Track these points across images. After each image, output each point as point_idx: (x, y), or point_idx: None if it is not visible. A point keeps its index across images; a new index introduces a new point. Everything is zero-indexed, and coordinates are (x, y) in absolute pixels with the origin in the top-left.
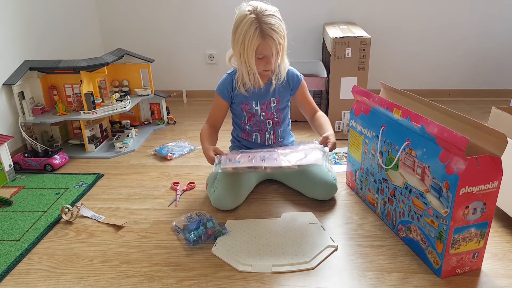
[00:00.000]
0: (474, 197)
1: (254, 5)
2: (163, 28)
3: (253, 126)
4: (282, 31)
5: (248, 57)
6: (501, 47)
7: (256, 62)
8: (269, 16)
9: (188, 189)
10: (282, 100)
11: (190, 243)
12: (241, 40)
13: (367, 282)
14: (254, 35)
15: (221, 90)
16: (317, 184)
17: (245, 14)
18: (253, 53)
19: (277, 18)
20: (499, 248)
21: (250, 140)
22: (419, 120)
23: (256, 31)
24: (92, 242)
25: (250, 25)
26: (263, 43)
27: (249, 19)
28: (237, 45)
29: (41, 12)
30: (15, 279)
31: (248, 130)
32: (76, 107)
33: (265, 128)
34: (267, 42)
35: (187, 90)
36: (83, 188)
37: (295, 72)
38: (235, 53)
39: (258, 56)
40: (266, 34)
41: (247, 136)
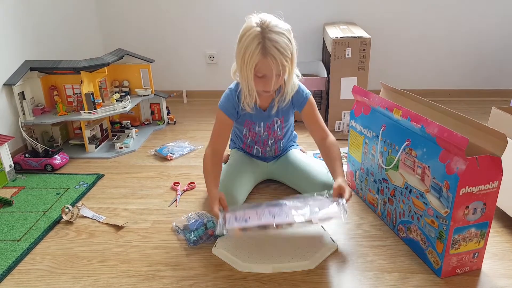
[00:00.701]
0: (474, 197)
1: (264, 18)
2: (164, 28)
3: (254, 142)
4: (289, 52)
5: (247, 73)
6: (501, 47)
7: (255, 81)
8: (277, 33)
9: (189, 189)
10: (286, 118)
11: (191, 243)
12: (242, 53)
13: (367, 282)
14: (255, 51)
15: (225, 106)
16: (316, 184)
17: (251, 26)
18: (252, 69)
19: (285, 37)
20: (499, 248)
21: (251, 152)
22: (419, 120)
23: (258, 46)
24: (93, 242)
25: (253, 39)
26: (263, 61)
27: (254, 32)
28: (238, 57)
29: (41, 13)
30: (15, 279)
31: (249, 143)
32: (77, 107)
33: (266, 144)
34: (267, 60)
35: (187, 90)
36: (83, 188)
37: (301, 89)
38: (237, 66)
39: (257, 74)
40: (268, 52)
41: (248, 148)
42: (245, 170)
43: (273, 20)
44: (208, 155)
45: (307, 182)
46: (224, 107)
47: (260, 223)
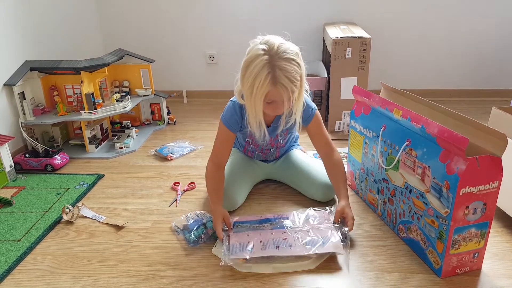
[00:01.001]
0: (474, 197)
1: (271, 43)
2: (164, 28)
3: (256, 149)
4: (298, 79)
5: (256, 102)
6: (501, 47)
7: (265, 106)
8: (286, 60)
9: (189, 189)
10: (290, 131)
11: (190, 244)
12: (250, 83)
13: (367, 282)
14: (265, 81)
15: (228, 121)
16: (316, 185)
17: (258, 54)
18: (261, 98)
19: (294, 63)
20: (500, 248)
21: (252, 156)
22: (419, 120)
23: (268, 76)
24: (93, 242)
25: (261, 68)
26: (273, 90)
27: (262, 61)
28: (245, 85)
29: (41, 13)
30: (16, 279)
31: (251, 149)
32: (77, 107)
33: (268, 151)
34: (277, 89)
35: (187, 90)
36: (83, 188)
37: (307, 105)
38: (244, 92)
39: (267, 101)
40: (278, 81)
41: (249, 153)
42: (245, 171)
43: (282, 44)
44: (211, 170)
45: (308, 182)
46: (227, 122)
47: (263, 255)
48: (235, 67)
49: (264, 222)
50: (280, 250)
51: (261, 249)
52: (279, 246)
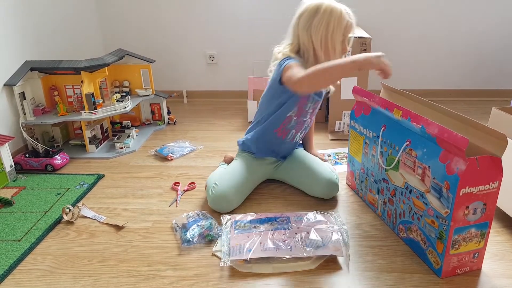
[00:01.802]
0: (474, 197)
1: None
2: (164, 28)
3: (296, 123)
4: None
5: (336, 37)
6: (501, 47)
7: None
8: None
9: (189, 190)
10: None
11: (184, 243)
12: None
13: (367, 282)
14: (346, 16)
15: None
16: (320, 181)
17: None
18: (341, 30)
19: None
20: (500, 249)
21: (285, 137)
22: (419, 120)
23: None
24: (93, 242)
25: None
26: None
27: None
28: (319, 26)
29: (41, 13)
30: (16, 279)
31: (289, 127)
32: (77, 107)
33: (300, 127)
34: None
35: (187, 90)
36: (84, 188)
37: None
38: (315, 41)
39: (345, 36)
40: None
41: (282, 132)
42: (245, 175)
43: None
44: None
45: (310, 179)
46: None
47: (263, 256)
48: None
49: (265, 222)
50: (280, 252)
51: (261, 250)
52: (279, 247)
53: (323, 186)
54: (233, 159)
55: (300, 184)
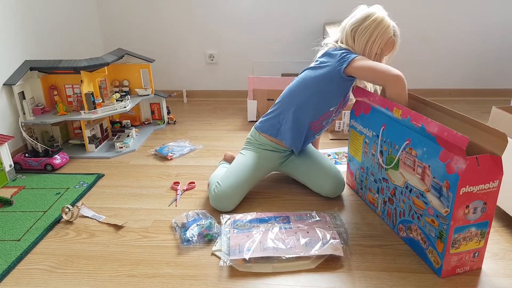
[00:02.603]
0: (474, 196)
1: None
2: (164, 28)
3: (332, 114)
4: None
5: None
6: (502, 46)
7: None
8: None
9: (189, 189)
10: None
11: (184, 243)
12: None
13: (367, 281)
14: (392, 33)
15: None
16: (328, 178)
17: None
18: (382, 42)
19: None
20: (500, 248)
21: (319, 129)
22: (419, 119)
23: (394, 30)
24: (93, 242)
25: (389, 25)
26: (393, 42)
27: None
28: (365, 31)
29: (41, 12)
30: (15, 279)
31: (325, 123)
32: (77, 107)
33: (329, 124)
34: (396, 43)
35: (187, 90)
36: (83, 188)
37: None
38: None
39: (384, 52)
40: (398, 36)
41: (316, 127)
42: (249, 173)
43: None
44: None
45: (318, 175)
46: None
47: (263, 255)
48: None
49: (264, 222)
50: (279, 251)
51: (261, 250)
52: (278, 247)
53: (330, 183)
54: (233, 158)
55: (308, 179)
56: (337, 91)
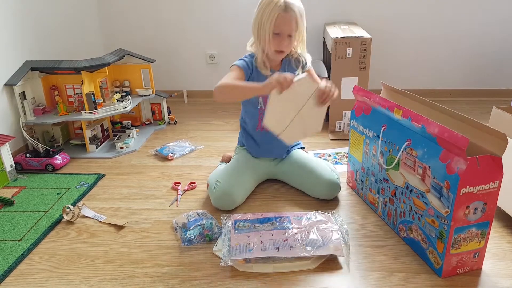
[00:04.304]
0: (474, 197)
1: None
2: (164, 28)
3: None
4: (303, 16)
5: (266, 29)
6: (502, 47)
7: (272, 37)
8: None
9: (189, 189)
10: None
11: (185, 243)
12: (262, 11)
13: (368, 281)
14: (277, 5)
15: (242, 64)
16: (321, 182)
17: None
18: (270, 26)
19: (300, 3)
20: (500, 248)
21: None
22: (419, 120)
23: (280, 1)
24: (94, 242)
25: (270, 3)
26: (282, 15)
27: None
28: (257, 18)
29: (42, 13)
30: (16, 279)
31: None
32: (77, 107)
33: None
34: (287, 15)
35: (188, 90)
36: (84, 188)
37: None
38: (253, 30)
39: (275, 30)
40: (288, 7)
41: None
42: (246, 171)
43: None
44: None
45: (312, 180)
46: (240, 64)
47: (264, 255)
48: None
49: (265, 222)
50: (280, 251)
51: (262, 250)
52: (279, 247)
53: (324, 188)
54: (231, 158)
55: (302, 186)
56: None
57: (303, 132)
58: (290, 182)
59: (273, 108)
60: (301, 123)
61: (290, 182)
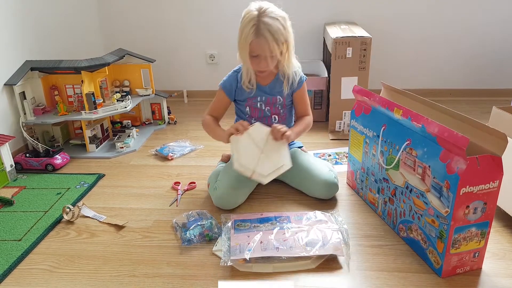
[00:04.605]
0: (474, 196)
1: (262, 5)
2: (164, 28)
3: (257, 120)
4: (281, 37)
5: (243, 52)
6: (502, 46)
7: (251, 60)
8: (272, 18)
9: (189, 189)
10: (287, 95)
11: (184, 242)
12: (240, 33)
13: (367, 281)
14: (250, 31)
15: (225, 86)
16: (319, 182)
17: (250, 10)
18: (247, 48)
19: (279, 23)
20: (500, 248)
21: None
22: (419, 119)
23: (252, 28)
24: (94, 242)
25: (249, 21)
26: (255, 41)
27: (251, 16)
28: (238, 38)
29: (42, 12)
30: (16, 278)
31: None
32: (77, 107)
33: (271, 123)
34: (260, 40)
35: (188, 90)
36: (84, 188)
37: (300, 73)
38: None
39: (251, 53)
40: (260, 33)
41: None
42: None
43: (272, 8)
44: (208, 118)
45: (310, 179)
46: (224, 86)
47: (263, 255)
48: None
49: (265, 222)
50: (280, 251)
51: (261, 250)
52: (279, 247)
53: (322, 187)
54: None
55: (300, 185)
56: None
57: (274, 169)
58: (289, 181)
59: (238, 152)
60: (269, 160)
61: (289, 182)
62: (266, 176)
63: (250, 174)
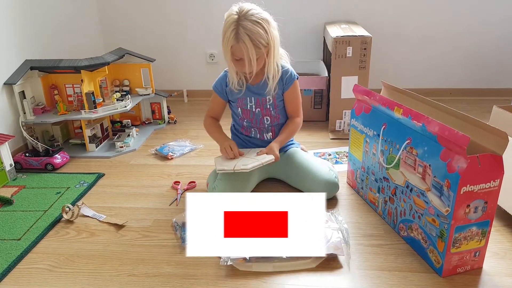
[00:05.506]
0: (475, 195)
1: (244, 6)
2: (164, 27)
3: (250, 122)
4: (262, 41)
5: (226, 56)
6: (502, 46)
7: (234, 63)
8: (252, 21)
9: (189, 189)
10: (278, 96)
11: (184, 242)
12: (222, 38)
13: (368, 281)
14: (230, 36)
15: (216, 87)
16: (319, 182)
17: (230, 13)
18: (228, 52)
19: (260, 26)
20: (501, 247)
21: (249, 135)
22: (420, 118)
23: (232, 32)
24: (93, 241)
25: (229, 26)
26: (236, 45)
27: (231, 19)
28: (222, 42)
29: (42, 12)
30: (15, 278)
31: (246, 126)
32: (77, 106)
33: (263, 125)
34: (239, 45)
35: (188, 89)
36: (84, 187)
37: (291, 71)
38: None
39: (234, 56)
40: (240, 38)
41: (246, 131)
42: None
43: (254, 9)
44: (209, 121)
45: (310, 180)
46: (215, 87)
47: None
48: None
49: None
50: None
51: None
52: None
53: (322, 187)
54: None
55: (300, 185)
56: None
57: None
58: (289, 181)
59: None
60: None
61: (288, 181)
62: (248, 165)
63: (232, 168)
